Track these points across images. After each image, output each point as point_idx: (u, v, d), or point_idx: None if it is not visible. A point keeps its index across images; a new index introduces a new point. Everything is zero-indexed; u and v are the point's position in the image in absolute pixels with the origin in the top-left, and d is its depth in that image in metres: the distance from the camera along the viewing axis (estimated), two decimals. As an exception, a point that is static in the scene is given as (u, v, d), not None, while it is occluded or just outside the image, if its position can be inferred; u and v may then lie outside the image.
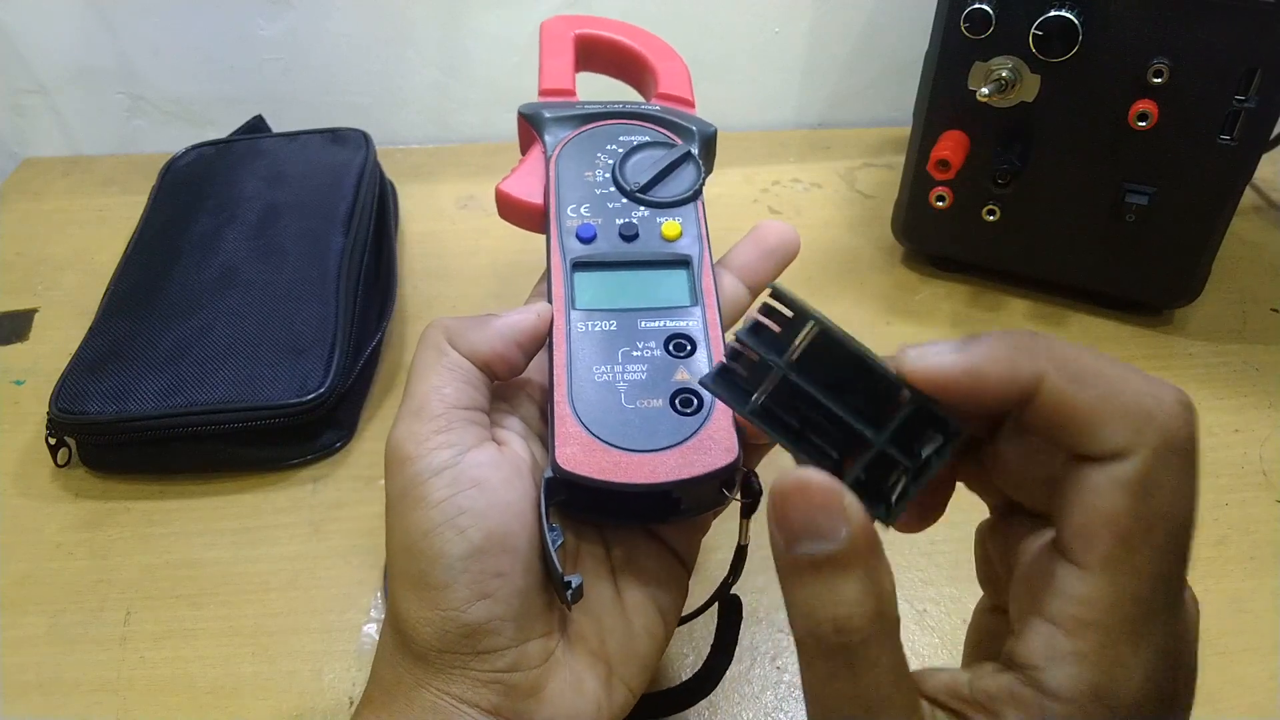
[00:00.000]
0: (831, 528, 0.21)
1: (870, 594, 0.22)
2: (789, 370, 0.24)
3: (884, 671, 0.22)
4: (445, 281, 0.65)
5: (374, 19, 0.75)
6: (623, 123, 0.43)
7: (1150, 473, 0.21)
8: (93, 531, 0.49)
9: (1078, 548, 0.22)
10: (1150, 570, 0.21)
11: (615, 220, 0.38)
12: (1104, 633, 0.21)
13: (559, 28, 0.48)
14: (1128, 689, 0.21)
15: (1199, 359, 0.59)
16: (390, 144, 0.76)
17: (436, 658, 0.29)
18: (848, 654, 0.22)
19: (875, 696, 0.22)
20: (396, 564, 0.29)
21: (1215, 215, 0.55)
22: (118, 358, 0.52)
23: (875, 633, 0.22)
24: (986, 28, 0.52)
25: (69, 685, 0.42)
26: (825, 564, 0.22)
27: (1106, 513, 0.21)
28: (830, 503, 0.22)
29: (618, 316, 0.34)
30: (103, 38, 0.75)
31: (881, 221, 0.68)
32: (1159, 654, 0.22)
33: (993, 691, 0.22)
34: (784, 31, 0.78)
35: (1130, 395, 0.22)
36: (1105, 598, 0.21)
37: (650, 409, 0.32)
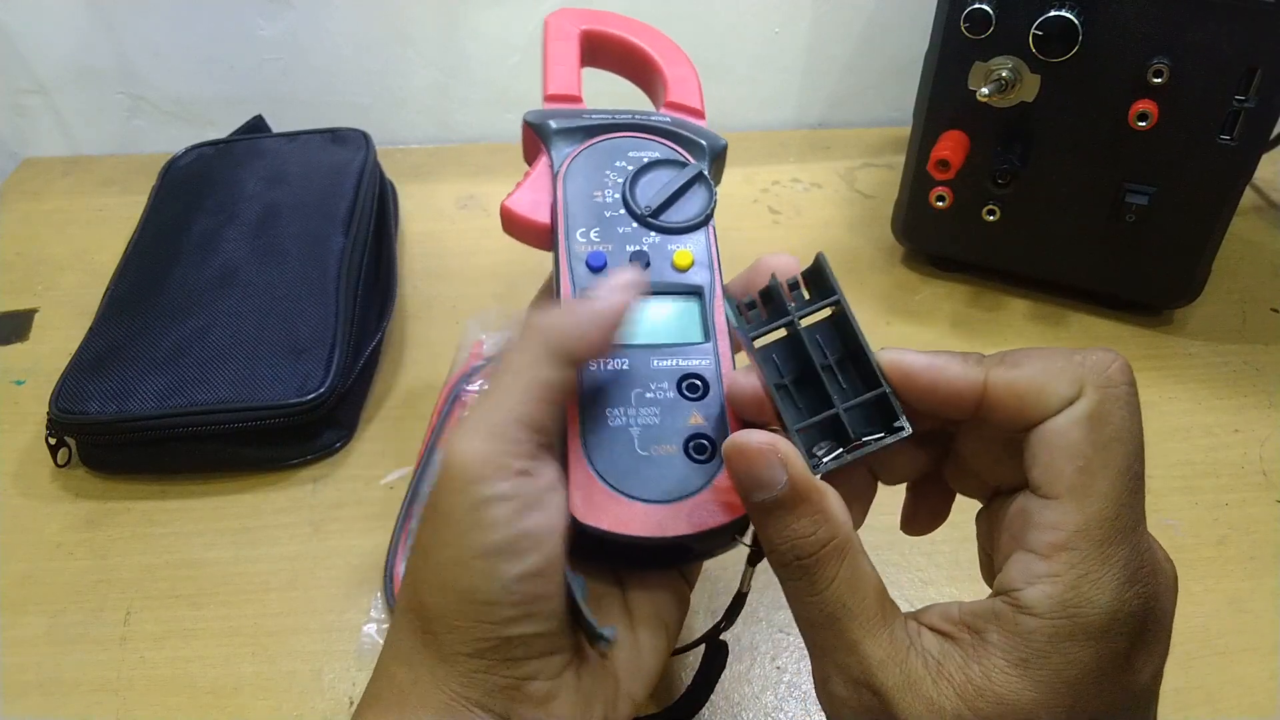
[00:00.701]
0: (773, 477, 0.26)
1: (816, 523, 0.26)
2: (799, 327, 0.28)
3: (840, 585, 0.26)
4: (445, 281, 0.65)
5: (374, 19, 0.75)
6: (632, 136, 0.40)
7: (1098, 407, 0.26)
8: (93, 531, 0.49)
9: (1045, 482, 0.26)
10: (1110, 493, 0.25)
11: (626, 247, 0.36)
12: (1073, 554, 0.25)
13: (565, 23, 0.46)
14: (1096, 605, 0.24)
15: (1199, 359, 0.59)
16: (390, 144, 0.76)
17: (464, 662, 0.28)
18: (806, 573, 0.27)
19: (835, 605, 0.26)
20: (444, 573, 0.28)
21: (1215, 215, 0.55)
22: (118, 358, 0.52)
23: (826, 554, 0.26)
24: (986, 28, 0.52)
25: (69, 685, 0.42)
26: (774, 506, 0.27)
27: (1066, 447, 0.26)
28: (768, 458, 0.26)
29: (630, 354, 0.33)
30: (103, 38, 0.75)
31: (881, 221, 0.68)
32: (1125, 575, 0.25)
33: (978, 612, 0.26)
34: (784, 31, 0.78)
35: (1064, 358, 0.27)
36: (1073, 522, 0.25)
37: (664, 455, 0.32)
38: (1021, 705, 0.24)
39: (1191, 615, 0.45)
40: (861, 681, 0.26)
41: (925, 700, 0.25)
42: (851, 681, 0.26)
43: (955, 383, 0.27)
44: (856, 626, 0.26)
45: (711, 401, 0.33)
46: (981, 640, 0.25)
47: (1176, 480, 0.51)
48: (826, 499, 0.27)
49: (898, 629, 0.26)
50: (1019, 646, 0.25)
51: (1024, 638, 0.25)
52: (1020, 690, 0.24)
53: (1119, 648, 0.25)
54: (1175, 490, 0.51)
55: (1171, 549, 0.49)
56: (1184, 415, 0.55)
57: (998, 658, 0.25)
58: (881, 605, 0.27)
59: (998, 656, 0.25)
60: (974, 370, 0.27)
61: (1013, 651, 0.25)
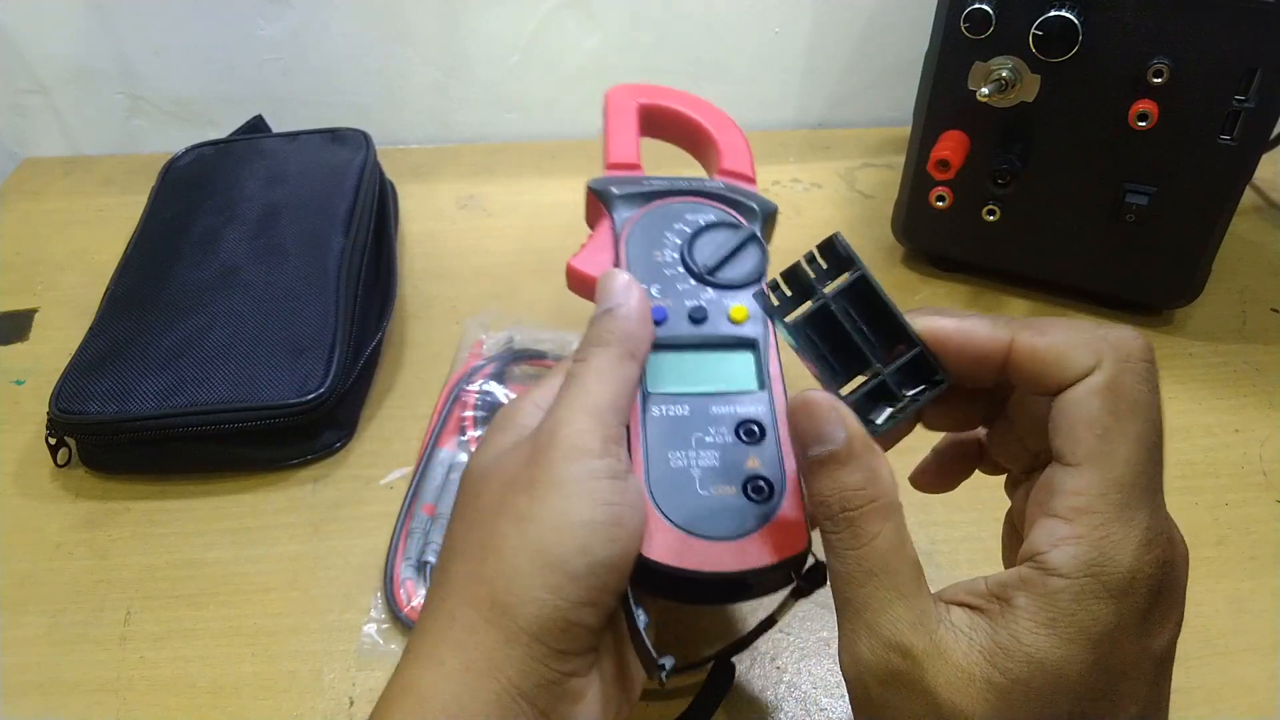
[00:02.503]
0: (832, 433, 0.28)
1: (867, 480, 0.28)
2: (830, 300, 0.29)
3: (882, 541, 0.27)
4: (445, 281, 0.65)
5: (374, 19, 0.75)
6: (689, 200, 0.43)
7: (1116, 377, 0.27)
8: (93, 531, 0.49)
9: (1067, 450, 0.27)
10: (1129, 459, 0.26)
11: (685, 302, 0.38)
12: (1095, 516, 0.26)
13: (624, 98, 0.50)
14: (1118, 565, 0.26)
15: (1199, 359, 0.59)
16: (390, 144, 0.76)
17: (526, 645, 0.29)
18: (851, 525, 0.28)
19: (876, 561, 0.27)
20: (544, 538, 0.29)
21: (1215, 215, 0.55)
22: (118, 358, 0.52)
23: (873, 510, 0.28)
24: (986, 28, 0.52)
25: (69, 685, 0.42)
26: (829, 460, 0.28)
27: (1085, 416, 0.27)
28: (829, 414, 0.28)
29: (690, 401, 0.36)
30: (103, 38, 0.75)
31: (881, 221, 0.68)
32: (1145, 538, 0.26)
33: (1005, 581, 0.27)
34: (784, 31, 0.78)
35: (1088, 332, 0.28)
36: (1094, 486, 0.26)
37: (724, 496, 0.33)
38: (1050, 662, 0.25)
39: (1191, 615, 0.44)
40: (891, 642, 0.27)
41: (954, 666, 0.26)
42: (881, 642, 0.27)
43: (983, 344, 0.29)
44: (894, 586, 0.27)
45: (768, 445, 0.35)
46: (1009, 606, 0.26)
47: (1176, 480, 0.51)
48: (879, 459, 0.28)
49: (929, 603, 0.27)
50: (1046, 607, 0.26)
51: (1050, 598, 0.26)
52: (1049, 648, 0.26)
53: (1139, 607, 0.26)
54: (1175, 490, 0.50)
55: (1171, 549, 0.49)
56: (1184, 415, 0.55)
57: (1026, 620, 0.26)
58: (917, 576, 0.28)
59: (1026, 619, 0.26)
60: (1001, 332, 0.29)
61: (1040, 613, 0.26)
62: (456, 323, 0.61)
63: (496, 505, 0.31)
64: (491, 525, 0.30)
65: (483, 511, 0.31)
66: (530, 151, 0.79)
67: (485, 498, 0.31)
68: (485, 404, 0.54)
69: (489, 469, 0.32)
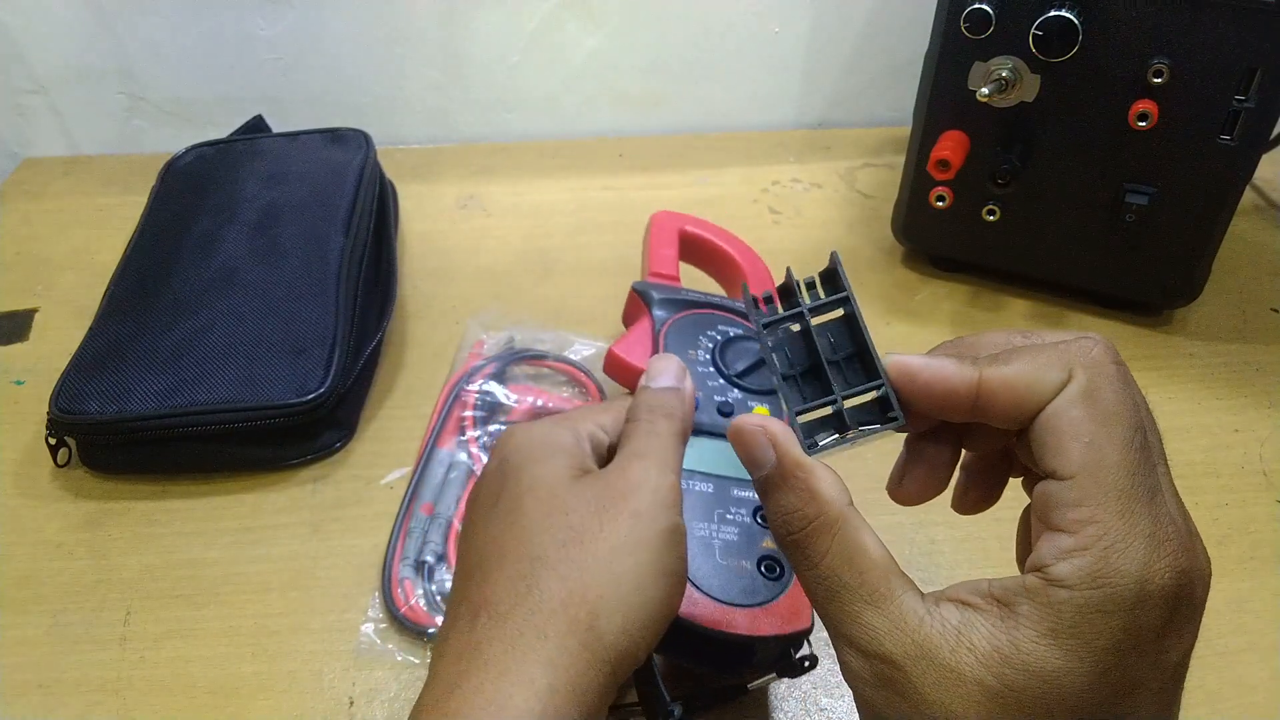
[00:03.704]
0: (762, 457, 0.29)
1: (803, 500, 0.28)
2: (809, 322, 0.30)
3: (833, 558, 0.28)
4: (445, 281, 0.65)
5: (374, 19, 0.75)
6: (721, 314, 0.50)
7: (1090, 385, 0.27)
8: (93, 531, 0.49)
9: (1059, 465, 0.26)
10: (1120, 464, 0.26)
11: (714, 397, 0.44)
12: (1097, 526, 0.25)
13: (666, 222, 0.56)
14: (1124, 575, 0.25)
15: (1199, 359, 0.59)
16: (390, 144, 0.76)
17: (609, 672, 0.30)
18: (798, 547, 0.28)
19: (832, 578, 0.28)
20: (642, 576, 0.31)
21: (1215, 215, 0.55)
22: (118, 358, 0.52)
23: (815, 529, 0.28)
24: (986, 28, 0.52)
25: (69, 685, 0.42)
26: (767, 483, 0.29)
27: (1069, 427, 0.26)
28: (758, 438, 0.29)
29: (714, 481, 0.41)
30: (103, 38, 0.75)
31: (881, 221, 0.68)
32: (1151, 545, 0.25)
33: (1009, 587, 0.26)
34: (784, 31, 0.78)
35: (1051, 349, 0.28)
36: (1091, 497, 0.26)
37: (740, 569, 0.38)
38: (1049, 672, 0.25)
39: (1191, 615, 0.45)
40: (872, 652, 0.27)
41: (941, 667, 0.26)
42: (862, 654, 0.27)
43: (951, 380, 0.29)
44: (855, 598, 0.27)
45: None
46: (1011, 612, 0.26)
47: (1177, 480, 0.51)
48: (813, 477, 0.28)
49: (908, 601, 0.27)
50: (1049, 617, 0.25)
51: (1054, 609, 0.25)
52: (1049, 658, 0.25)
53: (1150, 622, 0.25)
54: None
55: (1171, 549, 0.48)
56: (1184, 415, 0.55)
57: (1027, 628, 0.25)
58: (886, 579, 0.27)
59: (1027, 627, 0.25)
60: (968, 370, 0.28)
61: (1043, 622, 0.25)
62: (456, 323, 0.61)
63: (596, 529, 0.32)
64: (593, 548, 0.31)
65: (579, 531, 0.32)
66: (530, 151, 0.79)
67: (577, 517, 0.32)
68: (485, 404, 0.54)
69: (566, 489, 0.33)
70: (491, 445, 0.47)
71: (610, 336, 0.59)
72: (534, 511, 0.32)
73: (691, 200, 0.73)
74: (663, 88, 0.81)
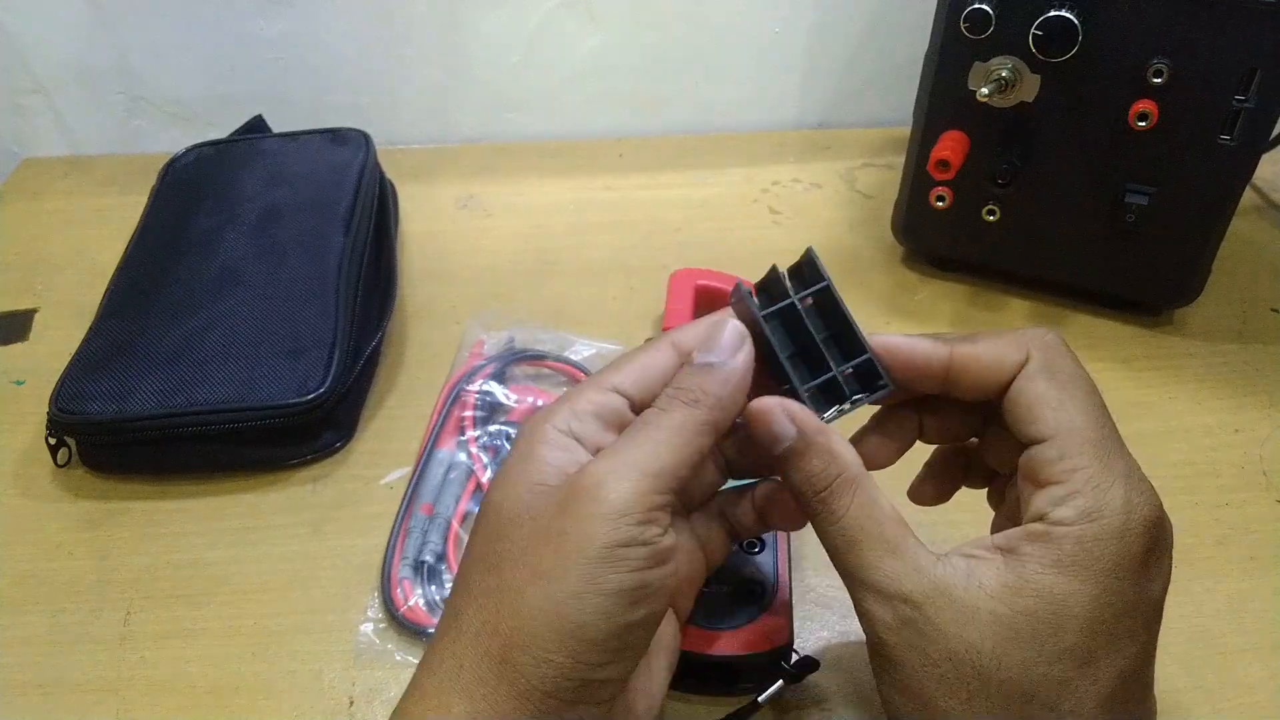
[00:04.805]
0: (784, 430, 0.31)
1: (826, 462, 0.31)
2: (800, 307, 0.33)
3: (856, 509, 0.31)
4: (445, 281, 0.65)
5: (374, 19, 0.75)
6: None
7: (1045, 360, 0.32)
8: (93, 531, 0.49)
9: (1036, 430, 0.31)
10: (1088, 417, 0.30)
11: None
12: (1083, 472, 0.29)
13: (685, 279, 0.59)
14: (1112, 507, 0.29)
15: (1199, 359, 0.59)
16: (390, 144, 0.76)
17: (540, 700, 0.28)
18: (824, 504, 0.31)
19: (855, 528, 0.30)
20: (560, 604, 0.28)
21: (1215, 215, 0.55)
22: (118, 358, 0.52)
23: (839, 485, 0.31)
24: (986, 28, 0.52)
25: (69, 685, 0.42)
26: (790, 454, 0.31)
27: (1036, 398, 0.31)
28: (778, 414, 0.31)
29: None
30: (103, 38, 0.75)
31: (881, 221, 0.68)
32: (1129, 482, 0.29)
33: (1011, 535, 0.30)
34: (784, 31, 0.78)
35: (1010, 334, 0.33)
36: (1071, 448, 0.30)
37: (722, 593, 0.40)
38: (1056, 595, 0.28)
39: (1191, 615, 0.45)
40: (892, 593, 0.29)
41: (957, 603, 0.29)
42: (882, 597, 0.30)
43: (928, 355, 0.33)
44: (877, 545, 0.30)
45: (766, 557, 0.42)
46: (1015, 554, 0.29)
47: (1176, 480, 0.51)
48: (832, 440, 0.31)
49: (920, 551, 0.30)
50: (1052, 551, 0.29)
51: (1057, 543, 0.29)
52: (1055, 584, 0.28)
53: (1136, 549, 0.29)
54: (1175, 490, 0.50)
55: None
56: (1184, 415, 0.55)
57: (1033, 563, 0.29)
58: (900, 530, 0.30)
59: (1033, 562, 0.29)
60: (941, 347, 0.33)
61: (1047, 556, 0.29)
62: (456, 323, 0.61)
63: (519, 554, 0.29)
64: (511, 575, 0.29)
65: (502, 557, 0.29)
66: (530, 151, 0.79)
67: (507, 542, 0.30)
68: (485, 404, 0.54)
69: (515, 509, 0.30)
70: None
71: (610, 337, 0.59)
72: (480, 534, 0.31)
73: (691, 200, 0.73)
74: (663, 88, 0.81)
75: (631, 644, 0.29)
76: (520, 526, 0.30)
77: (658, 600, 0.29)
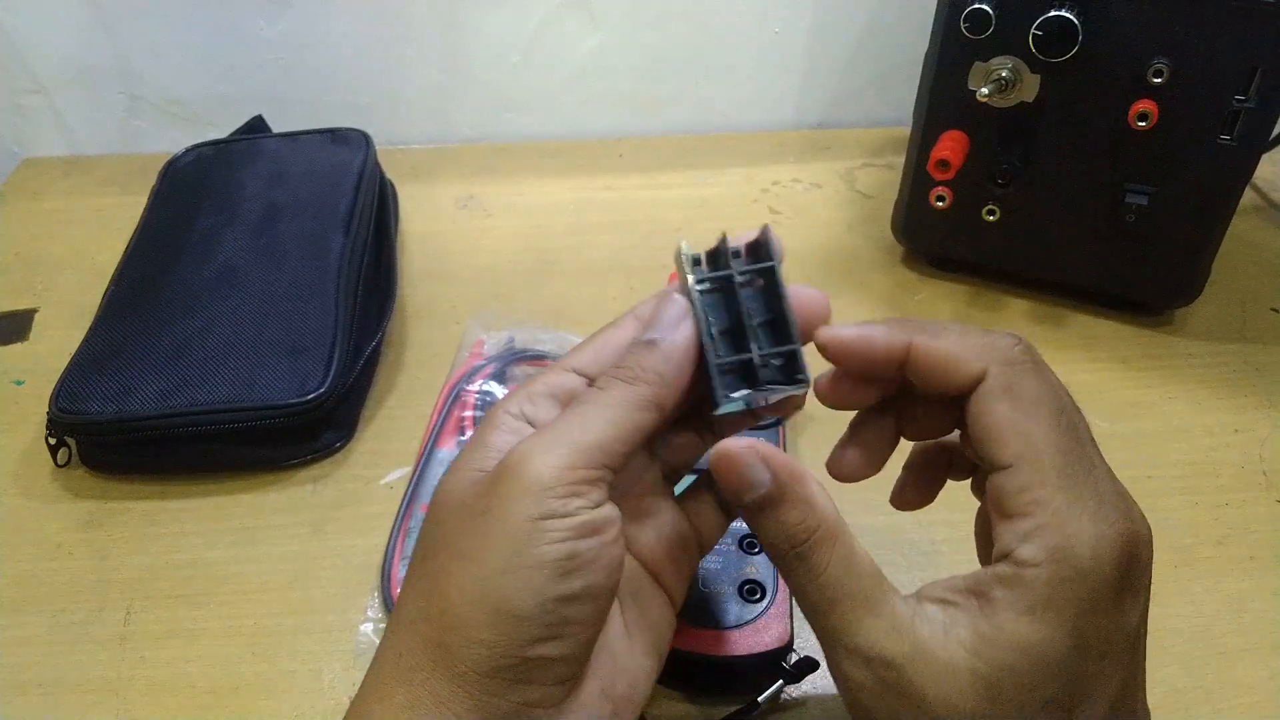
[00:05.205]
0: (757, 476, 0.29)
1: (804, 512, 0.29)
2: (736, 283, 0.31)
3: (835, 567, 0.28)
4: (445, 281, 0.65)
5: (374, 19, 0.75)
6: None
7: (1005, 380, 0.29)
8: (93, 531, 0.49)
9: (997, 456, 0.29)
10: (1052, 445, 0.28)
11: None
12: (1046, 506, 0.27)
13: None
14: (1080, 543, 0.27)
15: (1199, 359, 0.59)
16: (390, 144, 0.76)
17: (475, 681, 0.27)
18: (802, 560, 0.29)
19: (835, 587, 0.28)
20: (485, 582, 0.27)
21: (1215, 215, 0.55)
22: (118, 358, 0.52)
23: (818, 540, 0.29)
24: (986, 28, 0.52)
25: (69, 685, 0.42)
26: (764, 503, 0.29)
27: (997, 422, 0.29)
28: (751, 458, 0.29)
29: None
30: (103, 38, 0.75)
31: (881, 221, 0.68)
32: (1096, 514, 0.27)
33: (980, 577, 0.28)
34: (784, 31, 0.78)
35: (974, 336, 0.30)
36: (1034, 479, 0.28)
37: (722, 594, 0.40)
38: (1032, 645, 0.27)
39: (1191, 615, 0.45)
40: (873, 658, 0.28)
41: (937, 663, 0.27)
42: (863, 660, 0.28)
43: (882, 345, 0.31)
44: (858, 605, 0.28)
45: (766, 558, 0.41)
46: (987, 600, 0.27)
47: (1176, 480, 0.51)
48: (809, 487, 0.29)
49: (898, 605, 0.28)
50: (1024, 596, 0.27)
51: (1027, 587, 0.27)
52: (1030, 632, 0.27)
53: (1107, 583, 0.27)
54: (1175, 490, 0.51)
55: (1172, 549, 0.49)
56: (1184, 415, 0.55)
57: (1005, 610, 0.27)
58: (879, 585, 0.29)
59: (1005, 609, 0.27)
60: (899, 335, 0.31)
61: (1019, 601, 0.27)
62: (456, 323, 0.61)
63: (449, 538, 0.29)
64: (442, 560, 0.29)
65: (436, 543, 0.29)
66: (530, 151, 0.79)
67: (442, 528, 0.29)
68: (485, 404, 0.54)
69: (451, 494, 0.30)
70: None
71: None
72: (424, 524, 0.31)
73: (691, 200, 0.73)
74: (663, 88, 0.81)
75: (571, 619, 0.28)
76: (454, 512, 0.29)
77: (595, 572, 0.28)
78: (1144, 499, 0.29)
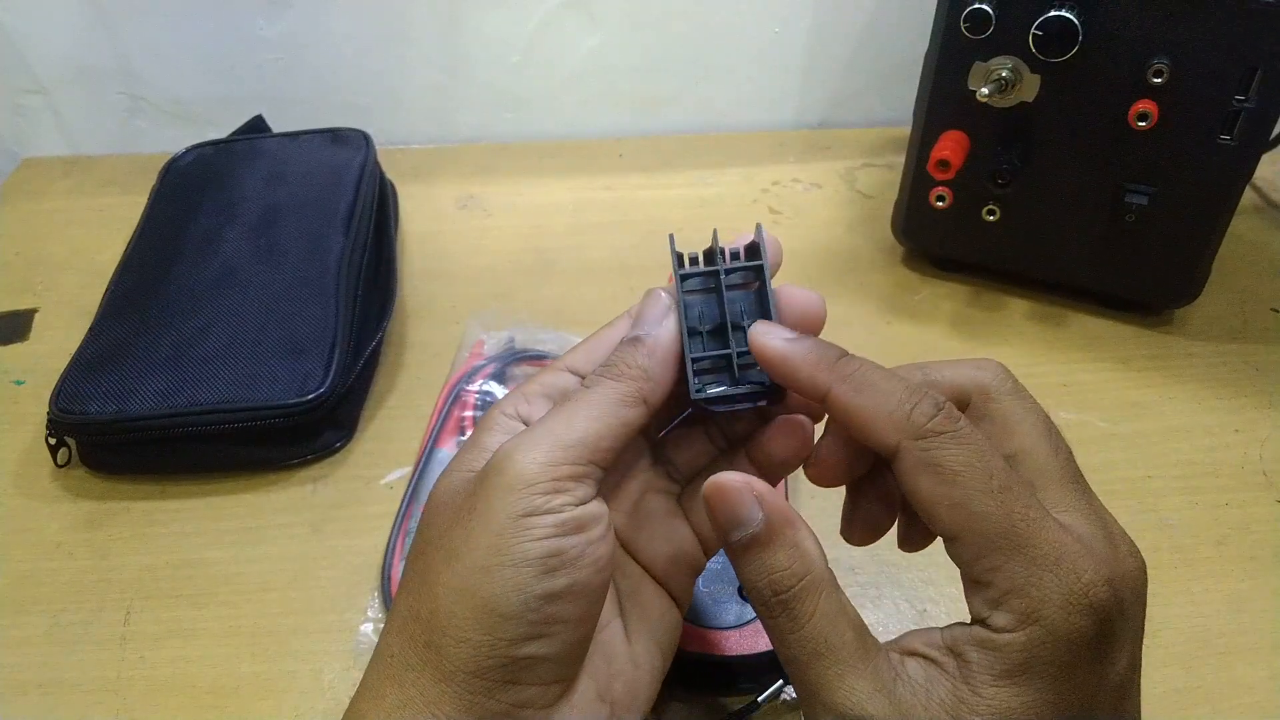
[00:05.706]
0: (749, 515, 0.27)
1: (792, 557, 0.27)
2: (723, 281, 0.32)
3: (820, 618, 0.27)
4: (445, 281, 0.65)
5: (374, 19, 0.75)
6: None
7: (922, 457, 0.27)
8: (93, 531, 0.49)
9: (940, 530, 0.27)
10: (990, 512, 0.26)
11: None
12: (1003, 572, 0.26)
13: None
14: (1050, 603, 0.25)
15: (1199, 359, 0.59)
16: (390, 144, 0.76)
17: (464, 681, 0.27)
18: (786, 609, 0.27)
19: (818, 640, 0.27)
20: (469, 579, 0.27)
21: (1215, 215, 0.55)
22: (118, 358, 0.52)
23: (805, 588, 0.27)
24: (986, 28, 0.52)
25: (69, 685, 0.42)
26: (752, 543, 0.27)
27: (926, 498, 0.27)
28: (744, 495, 0.28)
29: None
30: (103, 38, 0.75)
31: (881, 221, 0.68)
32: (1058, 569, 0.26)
33: (958, 636, 0.27)
34: (784, 31, 0.78)
35: (896, 403, 0.27)
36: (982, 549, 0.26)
37: (721, 595, 0.40)
38: (1013, 710, 0.26)
39: (1191, 615, 0.45)
40: (853, 718, 0.26)
41: None
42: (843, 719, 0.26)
43: (804, 378, 0.29)
44: (841, 661, 0.27)
45: None
46: (964, 662, 0.26)
47: (1176, 480, 0.51)
48: (800, 533, 0.28)
49: (881, 662, 0.27)
50: (999, 661, 0.26)
51: (1001, 652, 0.26)
52: (1008, 699, 0.26)
53: (1084, 641, 0.26)
54: (1175, 490, 0.51)
55: (1171, 549, 0.49)
56: (1184, 415, 0.55)
57: (982, 674, 0.26)
58: (863, 640, 0.27)
59: (981, 673, 0.26)
60: (821, 376, 0.29)
61: (995, 666, 0.26)
62: (456, 323, 0.61)
63: (437, 538, 0.29)
64: (430, 559, 0.29)
65: (427, 544, 0.29)
66: (530, 151, 0.79)
67: (432, 529, 0.30)
68: (485, 404, 0.54)
69: (442, 494, 0.30)
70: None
71: (610, 336, 0.59)
72: (418, 526, 0.31)
73: (691, 200, 0.73)
74: (662, 88, 0.81)
75: (557, 617, 0.28)
76: (444, 511, 0.30)
77: (580, 569, 0.28)
78: (1144, 499, 0.29)
